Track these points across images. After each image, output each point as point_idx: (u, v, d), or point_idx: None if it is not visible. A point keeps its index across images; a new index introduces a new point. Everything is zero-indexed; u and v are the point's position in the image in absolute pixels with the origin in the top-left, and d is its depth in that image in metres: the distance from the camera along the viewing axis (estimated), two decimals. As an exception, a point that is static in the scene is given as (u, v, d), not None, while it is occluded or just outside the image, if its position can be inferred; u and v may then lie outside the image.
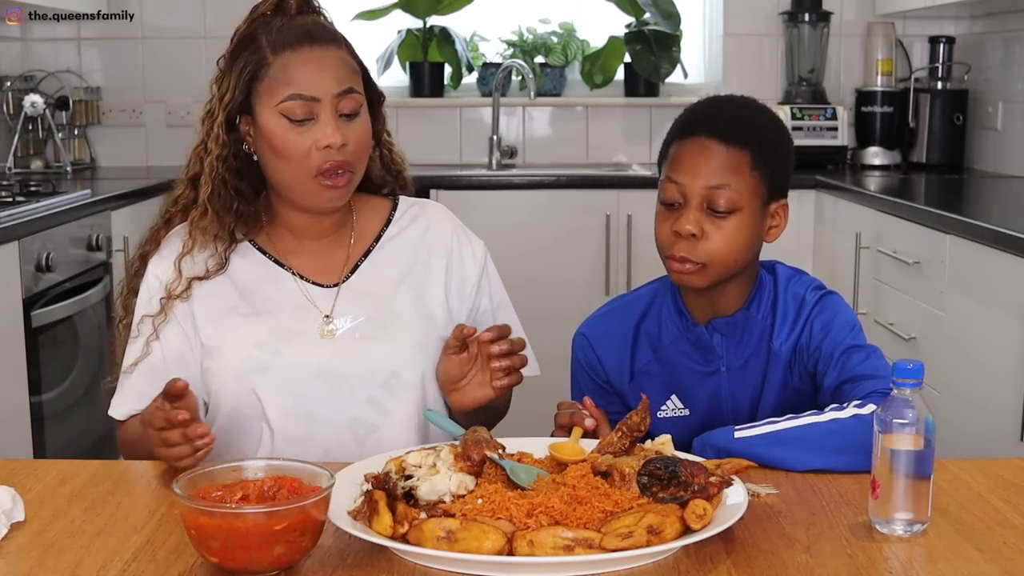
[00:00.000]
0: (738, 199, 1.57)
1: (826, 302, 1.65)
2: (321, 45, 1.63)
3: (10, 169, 4.16)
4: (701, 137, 1.58)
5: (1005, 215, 3.26)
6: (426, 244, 1.77)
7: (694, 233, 1.56)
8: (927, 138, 4.22)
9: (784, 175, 1.65)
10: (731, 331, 1.65)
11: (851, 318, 1.64)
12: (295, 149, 1.61)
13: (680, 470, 1.23)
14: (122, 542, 1.25)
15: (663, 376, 1.68)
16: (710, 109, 1.67)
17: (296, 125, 1.61)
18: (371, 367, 1.66)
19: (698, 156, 1.58)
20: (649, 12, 4.35)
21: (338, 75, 1.63)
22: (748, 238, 1.60)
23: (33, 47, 4.45)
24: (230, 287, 1.69)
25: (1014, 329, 2.52)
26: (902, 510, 1.25)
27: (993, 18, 4.13)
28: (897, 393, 1.25)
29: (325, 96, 1.61)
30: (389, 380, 1.66)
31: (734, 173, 1.57)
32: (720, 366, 1.65)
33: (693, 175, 1.57)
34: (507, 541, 1.16)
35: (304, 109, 1.60)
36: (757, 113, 1.66)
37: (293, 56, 1.62)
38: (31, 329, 2.92)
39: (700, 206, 1.57)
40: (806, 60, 4.35)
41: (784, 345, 1.63)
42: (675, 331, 1.68)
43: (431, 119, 4.52)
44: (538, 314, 4.22)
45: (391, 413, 1.66)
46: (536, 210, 3.97)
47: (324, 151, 1.60)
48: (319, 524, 1.18)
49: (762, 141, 1.60)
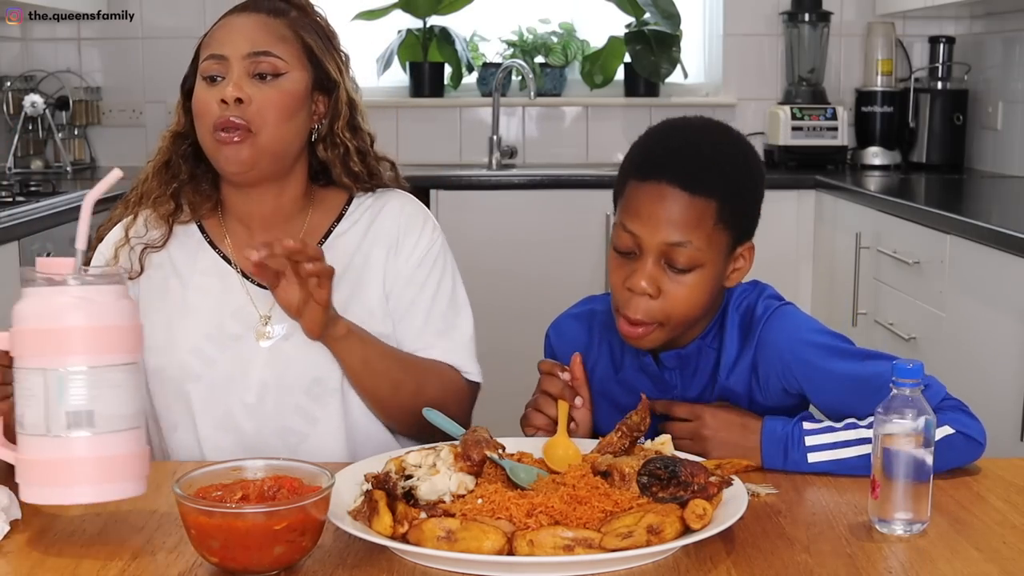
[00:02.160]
0: (699, 256, 1.43)
1: (775, 320, 1.52)
2: (252, 12, 1.65)
3: (10, 169, 4.16)
4: (661, 184, 1.42)
5: (1005, 215, 3.26)
6: (371, 235, 1.72)
7: (649, 293, 1.44)
8: (927, 138, 4.22)
9: (752, 219, 1.51)
10: (682, 364, 1.55)
11: (813, 325, 1.53)
12: (202, 104, 1.61)
13: (680, 470, 1.23)
14: (122, 542, 1.25)
15: (620, 397, 1.58)
16: (673, 147, 1.49)
17: (208, 83, 1.62)
18: (295, 375, 1.64)
19: (656, 206, 1.42)
20: (649, 12, 4.35)
21: (253, 38, 1.62)
22: (709, 292, 1.47)
23: (33, 47, 4.45)
24: (173, 279, 1.68)
25: (1014, 329, 2.52)
26: (902, 510, 1.25)
27: (993, 18, 4.13)
28: (897, 393, 1.26)
29: (233, 55, 1.61)
30: (312, 387, 1.64)
31: (696, 228, 1.42)
32: (674, 395, 1.56)
33: (651, 228, 1.42)
34: (507, 541, 1.16)
35: (215, 67, 1.62)
36: (725, 156, 1.48)
37: (223, 21, 1.66)
38: (31, 329, 2.91)
39: (657, 261, 1.43)
40: (806, 60, 4.35)
41: (732, 377, 1.52)
42: (632, 359, 1.59)
43: (431, 119, 4.52)
44: (537, 314, 4.23)
45: (319, 421, 1.65)
46: (536, 210, 3.96)
47: (220, 105, 1.60)
48: (319, 524, 1.18)
49: (729, 189, 1.45)
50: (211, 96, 1.60)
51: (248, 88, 1.60)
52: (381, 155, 1.77)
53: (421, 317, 1.71)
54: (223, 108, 1.59)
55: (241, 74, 1.60)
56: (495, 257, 3.93)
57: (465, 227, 3.91)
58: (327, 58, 1.68)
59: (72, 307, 1.19)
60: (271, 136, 1.61)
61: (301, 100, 1.65)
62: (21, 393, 1.20)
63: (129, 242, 1.69)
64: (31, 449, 1.20)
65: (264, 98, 1.60)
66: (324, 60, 1.68)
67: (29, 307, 1.20)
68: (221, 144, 1.60)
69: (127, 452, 1.21)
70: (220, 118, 1.59)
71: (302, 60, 1.65)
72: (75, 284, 1.20)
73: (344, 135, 1.70)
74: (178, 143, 1.70)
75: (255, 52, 1.61)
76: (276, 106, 1.61)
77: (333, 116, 1.70)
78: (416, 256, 1.72)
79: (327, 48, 1.69)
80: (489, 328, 3.85)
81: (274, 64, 1.62)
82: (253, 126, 1.60)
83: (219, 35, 1.64)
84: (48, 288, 1.20)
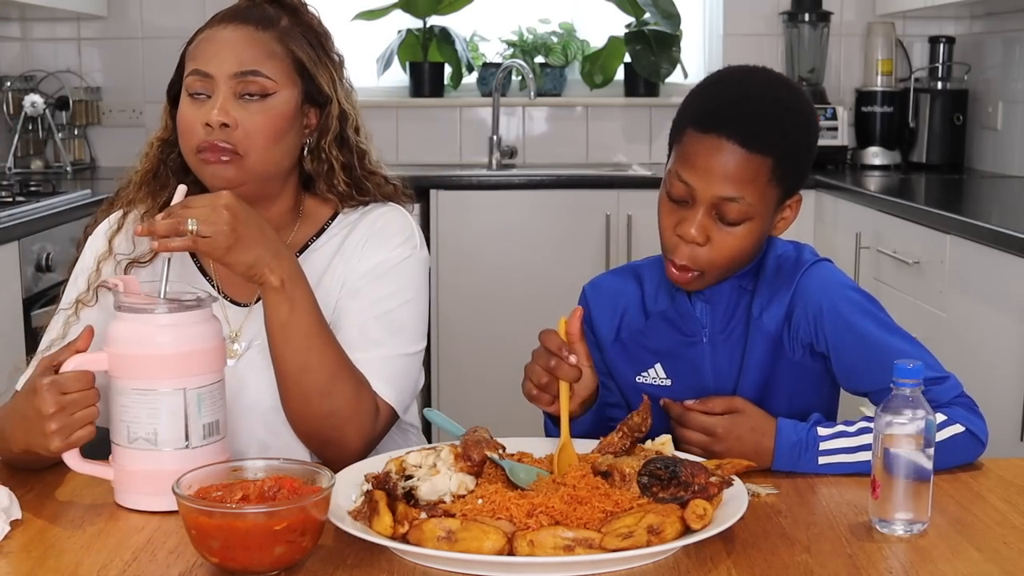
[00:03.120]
0: (750, 211, 1.45)
1: (816, 269, 1.54)
2: (239, 24, 1.57)
3: (10, 169, 4.16)
4: (720, 138, 1.43)
5: (1005, 215, 3.26)
6: (341, 251, 1.63)
7: (698, 242, 1.46)
8: (927, 138, 4.22)
9: (803, 175, 1.52)
10: (714, 298, 1.55)
11: (852, 283, 1.56)
12: (187, 124, 1.55)
13: (680, 470, 1.23)
14: (122, 542, 1.25)
15: (650, 343, 1.60)
16: (733, 100, 1.48)
17: (193, 100, 1.55)
18: (252, 402, 1.56)
19: (712, 159, 1.43)
20: (649, 12, 4.35)
21: (241, 56, 1.55)
22: (756, 242, 1.50)
23: (33, 47, 4.45)
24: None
25: (1014, 329, 2.52)
26: (902, 510, 1.25)
27: (993, 18, 4.13)
28: (897, 393, 1.26)
29: (219, 74, 1.54)
30: (268, 415, 1.56)
31: (750, 184, 1.44)
32: (702, 336, 1.57)
33: (706, 181, 1.44)
34: (507, 541, 1.16)
35: (200, 84, 1.55)
36: (786, 113, 1.49)
37: (209, 33, 1.59)
38: (31, 329, 2.92)
39: (708, 212, 1.45)
40: (806, 60, 4.35)
41: (766, 313, 1.53)
42: (666, 298, 1.60)
43: (431, 119, 4.52)
44: (537, 314, 4.23)
45: (280, 451, 1.53)
46: (536, 210, 3.96)
47: (204, 128, 1.54)
48: (319, 524, 1.18)
49: (787, 147, 1.46)
50: (196, 116, 1.54)
51: (235, 111, 1.53)
52: (372, 169, 1.69)
53: (348, 331, 1.57)
54: (208, 131, 1.53)
55: (227, 95, 1.53)
56: (495, 257, 3.93)
57: (465, 227, 3.91)
58: (320, 70, 1.61)
59: (208, 330, 1.36)
60: (259, 159, 1.56)
61: (290, 120, 1.58)
62: (142, 411, 1.32)
63: (113, 255, 1.63)
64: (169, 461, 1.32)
65: (251, 122, 1.54)
66: (316, 74, 1.61)
67: (165, 334, 1.33)
68: (206, 164, 1.54)
69: (229, 455, 1.39)
70: (204, 141, 1.53)
71: (292, 76, 1.58)
72: (207, 307, 1.37)
73: (331, 151, 1.64)
74: (165, 151, 1.63)
75: (242, 72, 1.54)
76: (264, 130, 1.55)
77: (322, 131, 1.63)
78: (365, 266, 1.61)
79: (319, 58, 1.62)
80: (489, 328, 3.89)
81: (262, 84, 1.55)
82: (240, 148, 1.54)
83: (205, 49, 1.57)
84: (183, 314, 1.35)
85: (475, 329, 3.89)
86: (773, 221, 1.53)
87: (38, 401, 1.32)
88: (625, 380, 1.62)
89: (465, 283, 3.89)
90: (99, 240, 1.67)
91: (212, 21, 1.61)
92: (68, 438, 1.33)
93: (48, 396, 1.32)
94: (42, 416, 1.32)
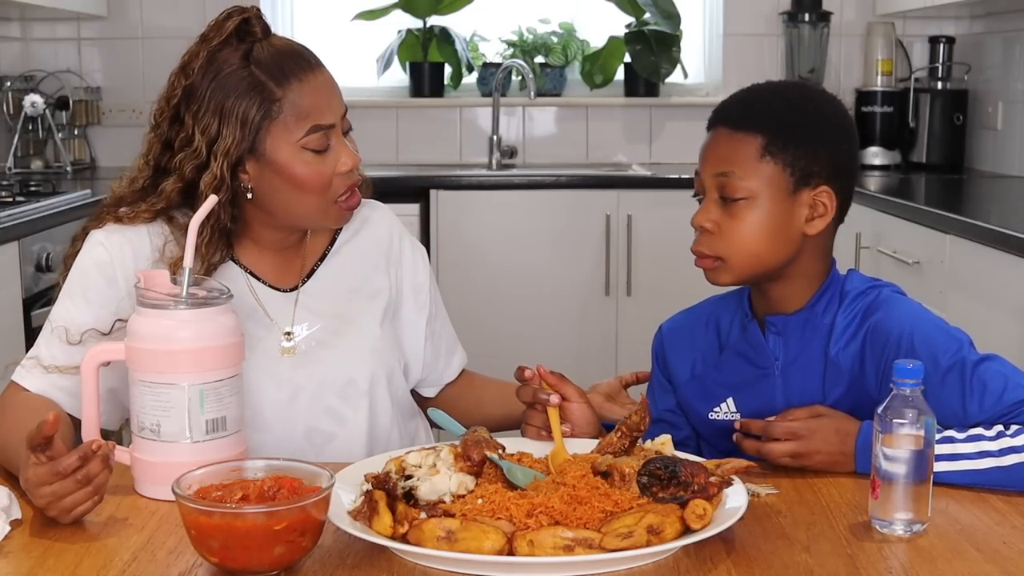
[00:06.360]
0: (745, 187, 1.49)
1: (902, 300, 1.54)
2: (317, 67, 1.59)
3: (10, 169, 4.16)
4: (715, 127, 1.55)
5: (1005, 215, 3.26)
6: (377, 248, 1.75)
7: (706, 227, 1.51)
8: (927, 138, 4.22)
9: (815, 159, 1.51)
10: (787, 330, 1.55)
11: (938, 321, 1.52)
12: (319, 180, 1.57)
13: (680, 470, 1.23)
14: (122, 542, 1.25)
15: (722, 376, 1.60)
16: (732, 97, 1.60)
17: (318, 155, 1.57)
18: (328, 376, 1.64)
19: (709, 147, 1.54)
20: (649, 12, 4.35)
21: (339, 95, 1.61)
22: (768, 230, 1.50)
23: (33, 47, 4.45)
24: None
25: (1014, 329, 2.52)
26: (902, 510, 1.25)
27: (993, 18, 4.13)
28: (897, 393, 1.26)
29: (336, 120, 1.59)
30: (346, 388, 1.65)
31: (740, 159, 1.49)
32: (774, 369, 1.55)
33: (704, 165, 1.53)
34: (507, 541, 1.16)
35: (325, 139, 1.57)
36: (774, 94, 1.57)
37: (301, 87, 1.56)
38: (31, 329, 2.92)
39: (715, 197, 1.51)
40: (806, 60, 4.35)
41: (843, 353, 1.52)
42: (738, 330, 1.60)
43: (431, 119, 4.52)
44: (537, 314, 4.24)
45: (348, 421, 1.65)
46: (536, 210, 3.96)
47: (345, 176, 1.58)
48: (319, 524, 1.18)
49: (777, 125, 1.51)
50: (327, 168, 1.57)
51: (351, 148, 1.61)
52: None
53: (436, 326, 1.81)
54: (348, 177, 1.59)
55: (343, 136, 1.60)
56: (495, 257, 3.93)
57: (465, 227, 3.91)
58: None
59: (227, 326, 1.38)
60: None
61: None
62: (153, 404, 1.36)
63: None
64: (173, 453, 1.36)
65: (357, 152, 1.62)
66: None
67: (185, 328, 1.36)
68: (346, 211, 1.62)
69: (240, 451, 1.41)
70: (346, 187, 1.59)
71: None
72: (224, 304, 1.39)
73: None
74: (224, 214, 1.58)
75: (345, 111, 1.61)
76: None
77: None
78: (428, 271, 1.81)
79: None
80: (488, 328, 3.88)
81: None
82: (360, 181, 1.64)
83: (315, 104, 1.56)
84: (202, 310, 1.38)
85: (475, 329, 3.89)
86: (796, 215, 1.51)
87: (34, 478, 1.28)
88: (698, 418, 1.62)
89: (465, 283, 3.88)
90: (119, 241, 1.61)
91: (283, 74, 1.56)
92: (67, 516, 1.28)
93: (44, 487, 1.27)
94: (38, 496, 1.28)
